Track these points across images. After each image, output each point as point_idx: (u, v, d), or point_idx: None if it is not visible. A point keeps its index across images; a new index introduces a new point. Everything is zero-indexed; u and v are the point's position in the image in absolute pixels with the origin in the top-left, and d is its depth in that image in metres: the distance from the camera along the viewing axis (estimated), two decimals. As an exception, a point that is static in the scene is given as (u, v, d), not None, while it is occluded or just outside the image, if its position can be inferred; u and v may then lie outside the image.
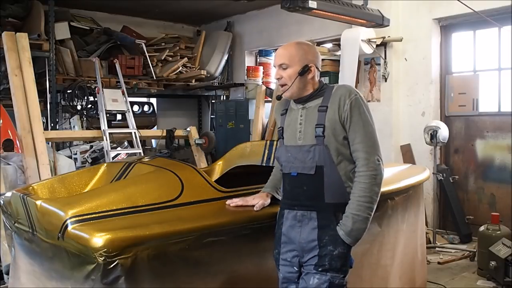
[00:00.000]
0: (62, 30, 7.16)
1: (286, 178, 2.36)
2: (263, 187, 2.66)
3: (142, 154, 6.02)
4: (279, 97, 2.38)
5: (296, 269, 2.31)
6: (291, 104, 2.41)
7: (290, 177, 2.32)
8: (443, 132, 5.44)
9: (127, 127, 6.29)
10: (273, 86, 8.07)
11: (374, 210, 2.24)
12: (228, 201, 2.53)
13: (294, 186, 2.30)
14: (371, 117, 2.28)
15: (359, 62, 6.33)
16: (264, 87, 7.56)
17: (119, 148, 6.74)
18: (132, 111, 6.72)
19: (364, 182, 2.20)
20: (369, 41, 6.03)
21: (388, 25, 5.64)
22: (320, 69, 2.38)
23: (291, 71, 2.29)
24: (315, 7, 4.54)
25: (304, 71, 2.27)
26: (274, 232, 2.42)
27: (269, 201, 2.52)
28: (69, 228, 2.10)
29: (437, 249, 5.37)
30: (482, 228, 4.61)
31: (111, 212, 2.22)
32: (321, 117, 2.24)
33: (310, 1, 4.46)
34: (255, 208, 2.46)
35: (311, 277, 2.23)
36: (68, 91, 7.01)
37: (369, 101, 6.31)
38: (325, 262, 2.20)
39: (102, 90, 6.23)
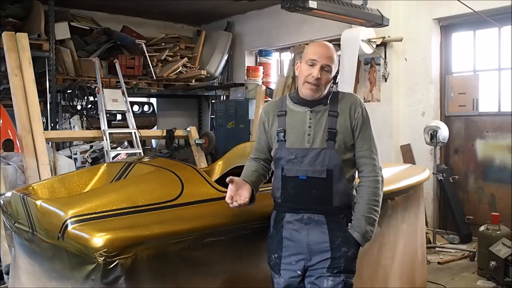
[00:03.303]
0: (62, 30, 7.16)
1: (290, 182, 2.29)
2: (263, 186, 2.62)
3: (142, 154, 6.01)
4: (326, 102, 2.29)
5: (300, 273, 2.29)
6: (290, 105, 2.36)
7: (297, 180, 2.26)
8: (443, 132, 5.44)
9: (127, 127, 6.29)
10: (273, 86, 8.07)
11: (379, 213, 2.30)
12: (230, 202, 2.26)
13: (302, 189, 2.26)
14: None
15: (359, 62, 6.33)
16: (264, 87, 7.56)
17: (119, 148, 6.74)
18: (132, 111, 6.72)
19: (373, 186, 2.27)
20: (369, 41, 6.03)
21: (388, 25, 5.64)
22: None
23: (330, 76, 2.29)
24: (315, 7, 4.54)
25: (335, 80, 2.30)
26: (269, 236, 2.39)
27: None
28: (69, 228, 2.10)
29: (437, 249, 5.37)
30: (482, 228, 4.60)
31: (111, 212, 2.21)
32: (333, 122, 2.26)
33: (310, 1, 4.45)
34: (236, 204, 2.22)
35: (324, 280, 2.22)
36: (68, 91, 7.01)
37: (369, 101, 6.31)
38: (340, 264, 2.21)
39: (102, 90, 6.22)
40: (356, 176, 2.37)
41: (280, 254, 2.32)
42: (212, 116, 9.25)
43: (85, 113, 7.16)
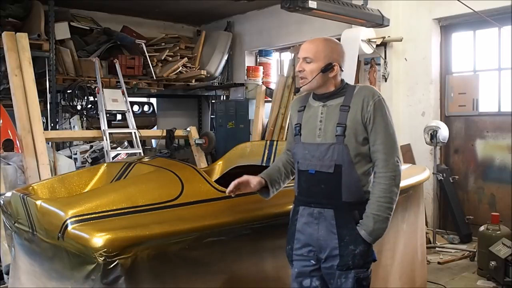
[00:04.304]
0: (62, 30, 7.15)
1: (302, 176, 2.34)
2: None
3: (142, 154, 6.01)
4: (297, 90, 2.38)
5: (314, 262, 2.31)
6: (310, 101, 2.41)
7: (307, 174, 2.31)
8: (443, 132, 5.44)
9: (127, 127, 6.29)
10: (273, 86, 8.07)
11: (393, 210, 2.27)
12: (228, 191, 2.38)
13: (312, 183, 2.29)
14: (391, 119, 2.31)
15: (359, 62, 6.33)
16: (264, 87, 7.56)
17: (119, 148, 6.74)
18: (132, 111, 6.71)
19: (384, 183, 2.24)
20: (369, 41, 6.03)
21: (388, 25, 5.64)
22: (343, 69, 2.38)
23: (314, 66, 2.29)
24: (315, 7, 4.53)
25: (327, 69, 2.30)
26: (288, 228, 2.42)
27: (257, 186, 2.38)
28: (69, 228, 2.10)
29: (437, 249, 5.37)
30: (482, 228, 4.60)
31: (111, 212, 2.21)
32: (343, 117, 2.26)
33: (310, 1, 4.45)
34: (252, 187, 2.36)
35: (336, 278, 2.25)
36: (68, 91, 7.01)
37: (369, 101, 6.30)
38: (348, 261, 2.22)
39: (102, 90, 6.22)
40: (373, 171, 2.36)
41: (293, 246, 2.36)
42: (212, 116, 9.24)
43: (85, 113, 7.16)
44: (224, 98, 8.93)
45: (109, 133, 5.89)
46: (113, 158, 5.86)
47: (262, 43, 8.48)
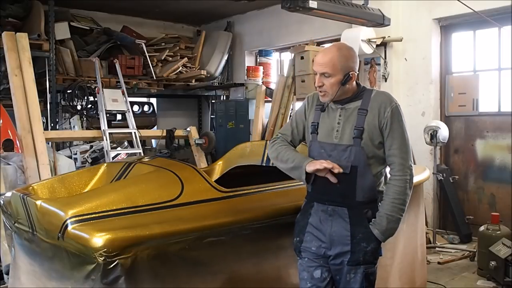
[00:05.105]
0: (62, 30, 7.16)
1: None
2: (263, 186, 2.64)
3: (142, 154, 6.01)
4: (323, 108, 2.40)
5: (322, 256, 2.36)
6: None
7: None
8: (443, 132, 5.44)
9: (127, 127, 6.29)
10: (273, 86, 8.07)
11: (405, 211, 2.34)
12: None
13: (327, 182, 2.32)
14: (405, 124, 2.40)
15: (359, 62, 6.31)
16: (264, 87, 7.56)
17: (119, 148, 6.74)
18: (132, 111, 6.72)
19: (399, 186, 2.31)
20: (369, 41, 6.03)
21: (389, 25, 5.63)
22: (357, 71, 2.41)
23: (333, 80, 2.32)
24: (316, 7, 4.53)
25: (347, 80, 2.33)
26: (296, 221, 2.45)
27: None
28: (69, 228, 2.10)
29: (437, 249, 5.37)
30: (482, 228, 4.60)
31: (111, 212, 2.21)
32: (361, 120, 2.32)
33: (310, 1, 4.45)
34: (336, 170, 2.28)
35: (346, 273, 2.31)
36: (68, 91, 7.01)
37: (369, 101, 6.29)
38: (359, 258, 2.29)
39: (102, 90, 6.22)
40: (385, 172, 2.42)
41: (302, 238, 2.40)
42: (212, 116, 9.25)
43: (85, 113, 7.16)
44: (224, 98, 8.93)
45: (109, 133, 5.89)
46: (113, 158, 5.86)
47: (262, 43, 8.48)
